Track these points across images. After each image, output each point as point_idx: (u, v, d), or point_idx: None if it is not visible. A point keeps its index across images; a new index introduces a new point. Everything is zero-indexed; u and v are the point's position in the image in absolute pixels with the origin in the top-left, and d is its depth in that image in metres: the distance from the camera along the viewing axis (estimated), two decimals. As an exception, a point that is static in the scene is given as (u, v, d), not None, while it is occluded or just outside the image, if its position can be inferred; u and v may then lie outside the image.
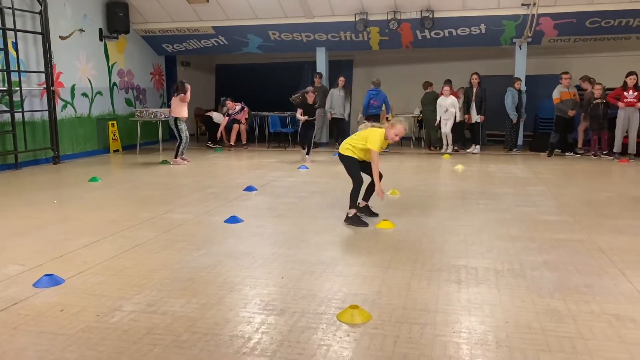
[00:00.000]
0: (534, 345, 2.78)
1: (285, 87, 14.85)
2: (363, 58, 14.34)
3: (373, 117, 10.99)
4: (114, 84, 12.19)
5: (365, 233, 5.08)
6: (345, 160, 5.38)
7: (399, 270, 3.95)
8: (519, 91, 11.19)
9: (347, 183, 5.43)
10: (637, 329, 2.96)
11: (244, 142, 12.59)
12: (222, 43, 13.00)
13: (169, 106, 13.64)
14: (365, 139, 5.22)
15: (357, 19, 11.45)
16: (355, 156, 5.33)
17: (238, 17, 12.08)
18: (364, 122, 5.64)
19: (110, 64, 12.02)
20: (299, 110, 10.09)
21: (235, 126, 12.46)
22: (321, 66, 12.84)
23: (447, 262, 4.15)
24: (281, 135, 12.85)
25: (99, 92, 11.69)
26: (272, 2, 11.48)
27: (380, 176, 5.38)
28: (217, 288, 3.63)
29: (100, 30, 11.63)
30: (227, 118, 12.39)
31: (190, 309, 3.28)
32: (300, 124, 10.32)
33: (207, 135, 13.20)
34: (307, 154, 10.29)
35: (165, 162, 10.11)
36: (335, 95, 11.93)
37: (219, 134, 12.14)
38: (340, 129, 12.19)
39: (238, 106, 12.47)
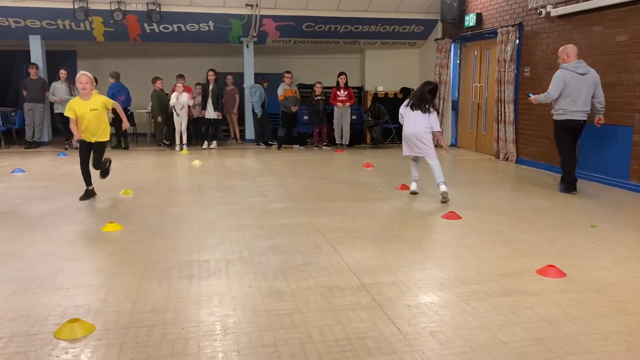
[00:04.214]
0: (258, 327, 2.96)
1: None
2: (88, 49, 13.20)
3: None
4: None
5: (93, 238, 4.71)
6: None
7: (128, 274, 3.77)
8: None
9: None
10: (344, 296, 3.41)
11: None
12: None
13: None
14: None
15: (75, 7, 10.48)
16: None
17: None
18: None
19: None
20: None
21: None
22: (37, 56, 11.40)
23: (179, 259, 4.12)
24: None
25: None
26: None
27: None
28: None
29: None
30: None
31: None
32: None
33: None
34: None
35: None
36: (58, 88, 10.95)
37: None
38: (64, 125, 11.15)
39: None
